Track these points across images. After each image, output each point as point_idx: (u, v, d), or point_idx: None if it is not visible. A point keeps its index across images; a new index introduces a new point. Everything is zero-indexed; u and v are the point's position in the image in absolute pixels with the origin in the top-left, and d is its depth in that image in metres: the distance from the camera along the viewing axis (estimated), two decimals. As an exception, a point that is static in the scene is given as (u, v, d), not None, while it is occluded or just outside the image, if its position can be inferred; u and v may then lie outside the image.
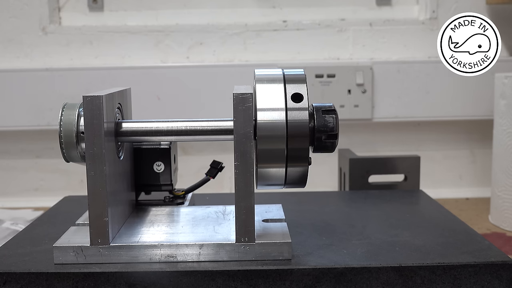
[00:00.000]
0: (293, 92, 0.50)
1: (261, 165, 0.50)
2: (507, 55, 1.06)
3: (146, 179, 0.63)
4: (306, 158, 0.50)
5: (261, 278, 0.49)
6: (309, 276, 0.49)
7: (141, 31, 1.07)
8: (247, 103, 0.48)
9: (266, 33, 1.07)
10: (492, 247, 0.53)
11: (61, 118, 0.52)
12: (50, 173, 1.10)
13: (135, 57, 1.08)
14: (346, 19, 1.09)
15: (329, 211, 0.67)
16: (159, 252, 0.51)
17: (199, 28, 1.07)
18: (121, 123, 0.54)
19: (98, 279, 0.49)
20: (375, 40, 1.07)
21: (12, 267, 0.50)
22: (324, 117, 0.50)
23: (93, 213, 0.50)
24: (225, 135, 0.52)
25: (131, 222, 0.57)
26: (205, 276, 0.49)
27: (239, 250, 0.51)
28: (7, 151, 1.09)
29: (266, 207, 0.62)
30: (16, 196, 1.09)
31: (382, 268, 0.49)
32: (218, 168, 0.65)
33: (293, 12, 1.10)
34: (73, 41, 1.07)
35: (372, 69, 1.04)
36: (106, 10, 1.10)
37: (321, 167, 1.06)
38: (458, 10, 1.06)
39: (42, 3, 1.06)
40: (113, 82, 1.02)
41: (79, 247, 0.50)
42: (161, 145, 0.62)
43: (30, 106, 1.04)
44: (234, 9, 1.10)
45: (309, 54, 1.08)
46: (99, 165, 0.49)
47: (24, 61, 1.07)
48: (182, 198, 0.65)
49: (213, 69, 1.05)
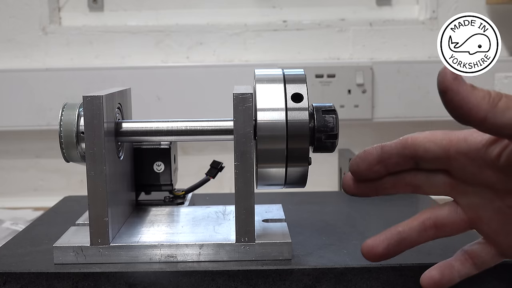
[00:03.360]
0: (293, 92, 0.50)
1: (261, 165, 0.50)
2: (507, 55, 1.07)
3: (146, 179, 0.63)
4: (306, 158, 0.50)
5: (261, 278, 0.49)
6: (309, 276, 0.49)
7: (141, 31, 1.07)
8: (247, 103, 0.48)
9: (266, 33, 1.07)
10: (492, 247, 0.53)
11: (61, 118, 0.52)
12: (50, 173, 1.10)
13: (135, 57, 1.08)
14: (346, 19, 1.09)
15: (329, 211, 0.67)
16: (159, 252, 0.51)
17: (199, 28, 1.07)
18: (121, 123, 0.54)
19: (98, 279, 0.49)
20: (375, 40, 1.07)
21: (12, 267, 0.50)
22: (324, 117, 0.50)
23: (93, 213, 0.50)
24: (225, 135, 0.52)
25: (131, 222, 0.57)
26: (205, 276, 0.49)
27: (239, 250, 0.51)
28: (7, 151, 1.09)
29: (266, 207, 0.62)
30: (16, 196, 1.09)
31: (382, 268, 0.49)
32: (218, 168, 0.65)
33: (293, 12, 1.10)
34: (73, 41, 1.07)
35: (372, 69, 1.04)
36: (106, 10, 1.10)
37: (321, 167, 1.06)
38: (458, 10, 1.06)
39: (42, 3, 1.06)
40: (113, 82, 1.02)
41: (79, 247, 0.50)
42: (161, 145, 0.62)
43: (30, 106, 1.04)
44: (234, 9, 1.10)
45: (309, 54, 1.08)
46: (99, 165, 0.49)
47: (24, 61, 1.07)
48: (182, 198, 0.65)
49: (213, 69, 1.05)
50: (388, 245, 0.45)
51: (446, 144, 0.43)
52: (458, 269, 0.45)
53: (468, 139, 0.42)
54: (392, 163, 0.45)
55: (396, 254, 0.46)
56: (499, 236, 0.44)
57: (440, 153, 0.43)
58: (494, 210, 0.43)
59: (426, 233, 0.45)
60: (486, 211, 0.43)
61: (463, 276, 0.46)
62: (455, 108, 0.38)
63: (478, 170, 0.42)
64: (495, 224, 0.43)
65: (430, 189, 0.46)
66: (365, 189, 0.47)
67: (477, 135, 0.42)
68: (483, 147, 0.42)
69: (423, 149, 0.44)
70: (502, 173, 0.41)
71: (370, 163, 0.45)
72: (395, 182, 0.46)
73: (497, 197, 0.43)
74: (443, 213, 0.45)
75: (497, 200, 0.43)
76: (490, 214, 0.43)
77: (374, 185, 0.46)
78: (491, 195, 0.43)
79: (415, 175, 0.45)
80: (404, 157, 0.44)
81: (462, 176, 0.44)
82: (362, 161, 0.45)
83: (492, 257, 0.45)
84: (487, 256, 0.45)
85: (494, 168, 0.41)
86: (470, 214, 0.44)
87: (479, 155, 0.42)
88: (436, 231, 0.45)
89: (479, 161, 0.42)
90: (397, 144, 0.44)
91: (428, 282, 0.45)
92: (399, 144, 0.44)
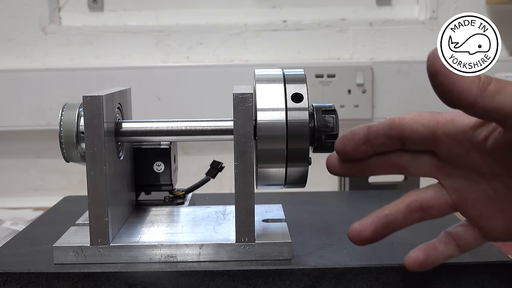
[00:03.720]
0: (293, 92, 0.50)
1: (261, 165, 0.50)
2: (507, 55, 1.07)
3: (146, 179, 0.63)
4: (306, 158, 0.50)
5: (261, 278, 0.49)
6: (309, 276, 0.49)
7: (141, 31, 1.07)
8: (247, 103, 0.48)
9: (266, 33, 1.07)
10: (492, 247, 0.53)
11: (61, 118, 0.52)
12: (50, 173, 1.10)
13: (135, 57, 1.08)
14: (346, 19, 1.09)
15: (329, 211, 0.67)
16: (159, 252, 0.51)
17: (199, 28, 1.07)
18: (121, 123, 0.54)
19: (98, 279, 0.49)
20: (375, 40, 1.07)
21: (12, 267, 0.50)
22: (324, 117, 0.50)
23: (93, 213, 0.50)
24: (225, 135, 0.52)
25: (131, 222, 0.57)
26: (205, 276, 0.49)
27: (239, 250, 0.51)
28: (7, 151, 1.09)
29: (266, 207, 0.62)
30: (16, 196, 1.09)
31: (382, 268, 0.50)
32: (218, 168, 0.65)
33: (293, 12, 1.10)
34: (73, 41, 1.07)
35: (372, 69, 1.04)
36: (106, 10, 1.10)
37: (321, 167, 1.06)
38: (458, 10, 1.06)
39: (42, 3, 1.06)
40: (113, 82, 1.02)
41: (79, 247, 0.50)
42: (161, 145, 0.62)
43: (30, 106, 1.04)
44: (234, 9, 1.10)
45: (309, 54, 1.08)
46: (99, 165, 0.49)
47: (24, 61, 1.07)
48: (182, 198, 0.65)
49: (213, 69, 1.05)
50: (375, 229, 0.45)
51: (433, 126, 0.43)
52: (442, 250, 0.46)
53: (455, 121, 0.42)
54: (379, 144, 0.45)
55: (382, 237, 0.46)
56: (482, 218, 0.44)
57: (427, 134, 0.43)
58: (479, 192, 0.43)
59: (412, 216, 0.45)
60: (471, 194, 0.43)
61: (446, 257, 0.46)
62: (445, 91, 0.38)
63: (465, 152, 0.42)
64: (479, 207, 0.43)
65: (415, 170, 0.46)
66: (350, 169, 0.47)
67: (465, 118, 0.42)
68: (470, 129, 0.42)
69: (410, 130, 0.44)
70: (488, 156, 0.41)
71: (356, 143, 0.45)
72: (381, 163, 0.46)
73: (483, 180, 0.43)
74: (428, 195, 0.45)
75: (482, 183, 0.43)
76: (474, 197, 0.43)
77: (359, 166, 0.46)
78: (476, 177, 0.43)
79: (401, 156, 0.45)
80: (391, 137, 0.44)
81: (448, 158, 0.44)
82: (349, 141, 0.45)
83: (475, 240, 0.45)
84: (470, 238, 0.45)
85: (481, 151, 0.42)
86: (455, 196, 0.45)
87: (466, 137, 0.42)
88: (422, 214, 0.45)
89: (465, 143, 0.42)
90: (384, 124, 0.44)
91: (413, 263, 0.46)
92: (386, 125, 0.44)
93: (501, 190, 0.42)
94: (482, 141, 0.41)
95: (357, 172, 0.47)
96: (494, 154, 0.41)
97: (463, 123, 0.42)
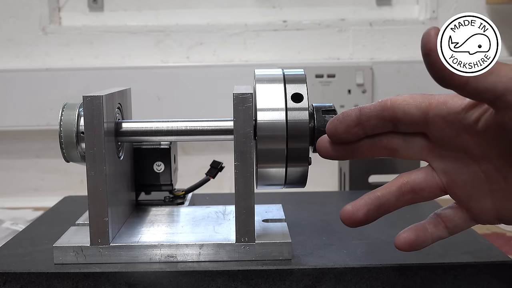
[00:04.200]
0: (293, 92, 0.50)
1: (261, 165, 0.50)
2: (507, 55, 1.07)
3: (146, 179, 0.63)
4: (306, 158, 0.50)
5: (261, 278, 0.49)
6: (309, 276, 0.49)
7: (141, 31, 1.07)
8: (247, 103, 0.48)
9: (266, 33, 1.07)
10: (492, 247, 0.53)
11: (61, 118, 0.52)
12: (50, 173, 1.10)
13: (135, 57, 1.08)
14: (346, 19, 1.09)
15: (329, 211, 0.67)
16: (159, 252, 0.51)
17: (199, 28, 1.07)
18: (121, 123, 0.54)
19: (98, 279, 0.49)
20: (375, 40, 1.07)
21: (12, 267, 0.50)
22: (324, 117, 0.50)
23: (93, 213, 0.50)
24: (225, 135, 0.52)
25: (131, 222, 0.57)
26: (205, 276, 0.49)
27: (239, 250, 0.51)
28: (7, 151, 1.10)
29: (266, 207, 0.62)
30: (16, 196, 1.09)
31: (382, 268, 0.50)
32: (218, 168, 0.65)
33: (293, 12, 1.10)
34: (73, 41, 1.07)
35: (372, 69, 1.04)
36: (106, 10, 1.10)
37: (321, 167, 1.06)
38: (458, 10, 1.07)
39: (42, 3, 1.06)
40: (113, 82, 1.02)
41: (79, 247, 0.50)
42: (161, 145, 0.62)
43: (30, 106, 1.05)
44: (234, 9, 1.10)
45: (309, 54, 1.08)
46: (99, 165, 0.49)
47: (24, 61, 1.07)
48: (182, 198, 0.65)
49: (213, 69, 1.05)
50: (368, 211, 0.45)
51: (425, 107, 0.43)
52: (432, 232, 0.46)
53: (448, 103, 0.43)
54: (371, 126, 0.45)
55: (374, 219, 0.46)
56: (472, 201, 0.44)
57: (419, 116, 0.43)
58: (469, 174, 0.43)
59: (403, 198, 0.46)
60: (461, 176, 0.44)
61: (435, 239, 0.46)
62: (438, 71, 0.39)
63: (456, 134, 0.42)
64: (469, 189, 0.44)
65: (406, 152, 0.46)
66: (341, 151, 0.46)
67: (457, 99, 0.42)
68: (462, 111, 0.42)
69: (402, 112, 0.44)
70: (479, 138, 0.42)
71: (348, 125, 0.45)
72: (372, 145, 0.46)
73: (473, 162, 0.43)
74: (419, 177, 0.46)
75: (472, 165, 0.43)
76: (464, 179, 0.44)
77: (350, 148, 0.46)
78: (466, 159, 0.43)
79: (392, 138, 0.45)
80: (383, 119, 0.44)
81: (439, 140, 0.44)
82: (340, 123, 0.45)
83: (464, 222, 0.45)
84: (459, 220, 0.45)
85: (472, 133, 0.42)
86: (445, 179, 0.45)
87: (457, 119, 0.42)
88: (413, 196, 0.46)
89: (457, 125, 0.42)
90: (376, 106, 0.44)
91: (403, 243, 0.46)
92: (378, 107, 0.44)
93: (491, 172, 0.42)
94: (474, 122, 0.41)
95: (347, 154, 0.46)
96: (485, 136, 0.41)
97: (455, 105, 0.42)
